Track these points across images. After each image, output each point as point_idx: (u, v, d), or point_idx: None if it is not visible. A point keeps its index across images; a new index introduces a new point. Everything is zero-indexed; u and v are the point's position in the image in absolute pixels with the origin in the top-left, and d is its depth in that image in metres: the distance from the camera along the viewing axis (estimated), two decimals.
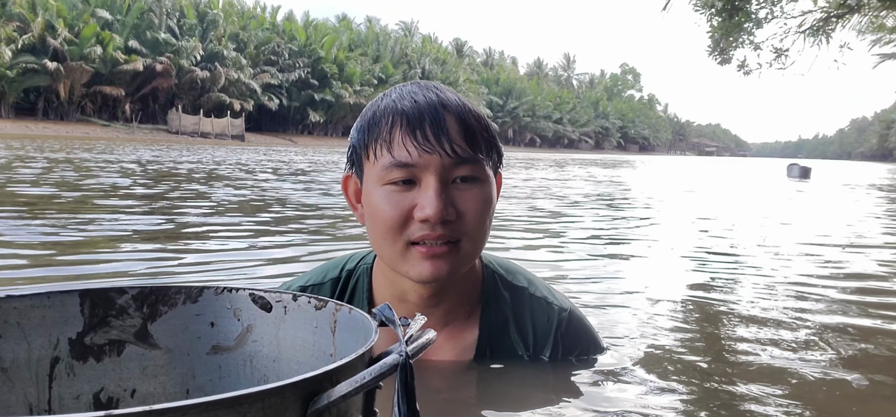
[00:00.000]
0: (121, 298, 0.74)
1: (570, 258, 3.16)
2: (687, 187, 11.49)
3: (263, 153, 21.54)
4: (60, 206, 4.69)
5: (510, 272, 1.29)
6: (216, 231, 3.75)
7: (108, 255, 2.88)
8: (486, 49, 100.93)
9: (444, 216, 1.03)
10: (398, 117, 1.05)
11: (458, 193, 1.06)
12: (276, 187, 7.42)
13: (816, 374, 1.46)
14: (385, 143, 1.05)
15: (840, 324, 1.97)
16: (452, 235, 1.06)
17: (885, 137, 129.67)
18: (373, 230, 1.10)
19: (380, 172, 1.05)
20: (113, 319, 0.74)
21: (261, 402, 0.46)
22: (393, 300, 1.19)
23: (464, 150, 1.05)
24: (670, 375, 1.40)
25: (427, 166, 1.03)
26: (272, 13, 59.16)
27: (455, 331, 1.24)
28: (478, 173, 1.07)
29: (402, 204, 1.04)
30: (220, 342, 0.77)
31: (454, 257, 1.07)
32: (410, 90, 1.10)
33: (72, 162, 10.54)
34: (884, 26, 19.13)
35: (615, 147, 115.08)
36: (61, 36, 41.16)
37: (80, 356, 0.73)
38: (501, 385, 1.20)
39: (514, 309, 1.25)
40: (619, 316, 1.94)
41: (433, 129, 1.03)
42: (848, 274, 2.97)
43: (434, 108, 1.05)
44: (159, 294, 0.74)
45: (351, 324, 0.68)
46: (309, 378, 0.48)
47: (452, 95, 1.10)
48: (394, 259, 1.09)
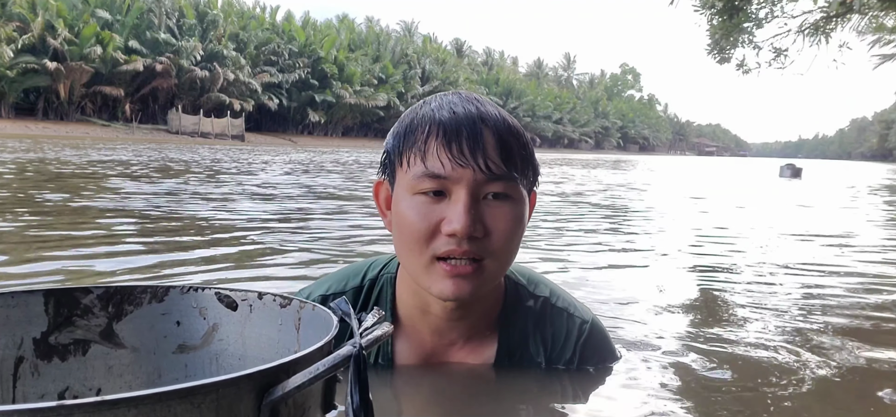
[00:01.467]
0: (86, 297, 0.74)
1: (573, 263, 3.15)
2: (686, 187, 11.49)
3: (269, 153, 21.53)
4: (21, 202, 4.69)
5: (532, 281, 1.27)
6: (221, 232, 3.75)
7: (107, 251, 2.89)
8: (486, 49, 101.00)
9: (471, 232, 1.01)
10: (435, 127, 1.03)
11: (488, 209, 1.04)
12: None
13: (832, 377, 1.46)
14: (419, 152, 1.03)
15: (847, 326, 1.97)
16: (478, 252, 1.03)
17: (885, 137, 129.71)
18: (399, 239, 1.08)
19: (411, 180, 1.04)
20: (78, 318, 0.74)
21: (215, 393, 0.46)
22: (416, 311, 1.18)
23: (498, 167, 1.02)
24: (683, 383, 1.38)
25: (459, 179, 1.01)
26: (272, 13, 59.19)
27: (476, 344, 1.23)
28: (510, 191, 1.05)
29: (431, 216, 1.03)
30: (186, 340, 0.77)
31: (478, 277, 1.05)
32: (450, 100, 1.08)
33: (44, 162, 10.54)
34: (884, 26, 19.12)
35: (615, 147, 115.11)
36: (61, 36, 41.19)
37: (45, 355, 0.73)
38: (515, 394, 1.19)
39: (535, 320, 1.24)
40: (626, 322, 1.92)
41: (469, 143, 1.01)
42: (849, 272, 2.98)
43: (472, 121, 1.03)
44: (125, 294, 0.74)
45: (315, 321, 0.68)
46: (263, 369, 0.49)
47: (493, 108, 1.08)
48: (417, 272, 1.07)
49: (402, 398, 1.20)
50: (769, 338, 1.79)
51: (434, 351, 1.22)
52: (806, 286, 2.65)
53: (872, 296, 2.47)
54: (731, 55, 18.63)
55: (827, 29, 17.97)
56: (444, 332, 1.20)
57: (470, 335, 1.22)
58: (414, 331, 1.21)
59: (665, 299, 2.30)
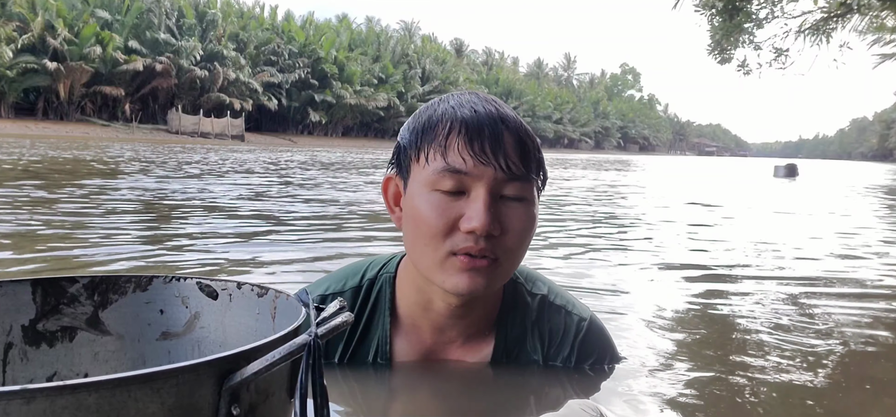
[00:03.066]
0: (72, 286, 0.77)
1: (570, 263, 3.18)
2: (683, 188, 11.51)
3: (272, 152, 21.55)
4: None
5: (530, 279, 1.28)
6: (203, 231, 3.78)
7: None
8: (486, 49, 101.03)
9: (490, 230, 1.02)
10: (457, 124, 1.04)
11: (505, 209, 1.05)
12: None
13: (831, 376, 1.48)
14: (440, 147, 1.04)
15: (842, 325, 2.00)
16: (493, 251, 1.04)
17: (885, 137, 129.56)
18: (413, 235, 1.08)
19: (430, 176, 1.04)
20: (64, 306, 0.77)
21: (175, 379, 0.49)
22: (418, 308, 1.19)
23: (517, 167, 1.04)
24: (681, 384, 1.39)
25: (480, 177, 1.02)
26: (272, 13, 59.21)
27: (475, 342, 1.24)
28: (526, 192, 1.06)
29: (449, 213, 1.03)
30: (169, 328, 0.80)
31: (492, 273, 1.06)
32: (470, 99, 1.09)
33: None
34: (884, 26, 19.14)
35: (615, 147, 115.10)
36: (61, 36, 41.21)
37: (33, 341, 0.76)
38: (511, 392, 1.20)
39: (533, 317, 1.25)
40: (626, 324, 1.93)
41: (491, 141, 1.03)
42: (845, 278, 3.00)
43: (494, 120, 1.04)
44: (110, 283, 0.78)
45: (288, 310, 0.72)
46: (222, 357, 0.51)
47: (510, 111, 1.10)
48: (431, 267, 1.07)
49: (399, 396, 1.21)
50: (766, 339, 1.82)
51: (433, 349, 1.23)
52: (796, 292, 2.68)
53: (867, 302, 2.49)
54: (731, 56, 18.65)
55: (827, 29, 18.00)
56: (445, 329, 1.21)
57: (469, 332, 1.22)
58: (414, 329, 1.22)
59: (661, 304, 2.31)
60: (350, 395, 1.18)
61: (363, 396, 1.18)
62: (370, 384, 1.21)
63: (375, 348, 1.23)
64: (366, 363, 1.24)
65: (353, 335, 1.23)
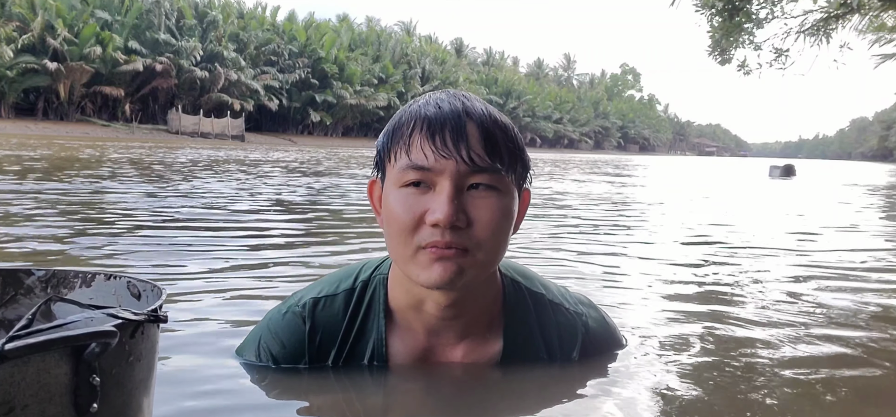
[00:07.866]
0: (28, 278, 0.81)
1: (571, 256, 3.19)
2: (682, 187, 11.52)
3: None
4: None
5: (527, 277, 1.29)
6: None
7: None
8: (486, 49, 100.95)
9: (453, 221, 1.02)
10: (420, 122, 1.06)
11: (472, 200, 1.06)
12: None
13: (831, 375, 1.49)
14: (404, 145, 1.06)
15: (844, 323, 2.01)
16: (461, 243, 1.05)
17: (885, 138, 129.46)
18: (388, 233, 1.10)
19: (397, 173, 1.07)
20: (22, 296, 0.80)
21: None
22: (410, 309, 1.19)
23: (482, 158, 1.05)
24: (685, 378, 1.40)
25: (442, 170, 1.04)
26: (272, 13, 59.26)
27: (476, 343, 1.24)
28: (496, 182, 1.07)
29: (416, 208, 1.05)
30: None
31: (464, 263, 1.06)
32: (437, 97, 1.11)
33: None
34: (884, 26, 19.13)
35: (615, 147, 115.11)
36: (61, 36, 41.26)
37: None
38: (516, 391, 1.21)
39: (538, 316, 1.27)
40: (629, 315, 1.94)
41: (452, 135, 1.04)
42: (841, 273, 3.02)
43: (457, 115, 1.06)
44: (61, 277, 0.81)
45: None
46: None
47: (480, 104, 1.11)
48: (405, 263, 1.09)
49: (394, 397, 1.21)
50: (765, 337, 1.82)
51: (430, 350, 1.24)
52: (789, 288, 2.70)
53: (870, 296, 2.49)
54: (731, 56, 18.62)
55: (827, 29, 17.99)
56: (440, 331, 1.21)
57: (468, 333, 1.23)
58: (409, 331, 1.23)
59: (665, 294, 2.32)
60: (344, 397, 1.18)
61: (358, 398, 1.19)
62: (366, 385, 1.21)
63: (371, 350, 1.24)
64: (361, 365, 1.24)
65: (347, 338, 1.24)
